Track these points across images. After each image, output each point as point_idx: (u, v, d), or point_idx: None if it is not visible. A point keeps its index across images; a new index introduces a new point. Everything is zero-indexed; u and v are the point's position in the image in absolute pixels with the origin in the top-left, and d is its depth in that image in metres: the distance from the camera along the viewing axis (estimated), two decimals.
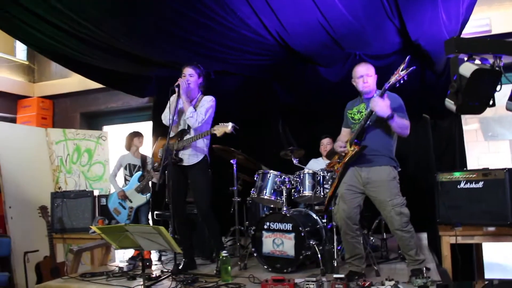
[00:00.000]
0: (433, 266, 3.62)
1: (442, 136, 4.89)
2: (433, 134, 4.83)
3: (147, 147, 5.66)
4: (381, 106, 2.94)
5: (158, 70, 5.20)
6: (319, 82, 4.88)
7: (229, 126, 3.40)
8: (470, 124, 5.36)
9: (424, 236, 4.67)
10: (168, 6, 3.50)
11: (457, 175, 3.83)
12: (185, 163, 3.74)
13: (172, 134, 3.78)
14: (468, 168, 4.66)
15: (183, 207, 3.89)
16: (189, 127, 3.74)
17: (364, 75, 3.22)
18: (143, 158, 5.06)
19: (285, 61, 4.70)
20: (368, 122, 3.12)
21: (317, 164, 4.76)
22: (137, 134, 5.12)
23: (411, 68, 2.83)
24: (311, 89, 5.07)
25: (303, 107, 5.36)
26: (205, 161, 3.79)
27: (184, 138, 3.71)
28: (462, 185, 3.78)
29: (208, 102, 3.75)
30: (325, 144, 4.81)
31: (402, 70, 2.85)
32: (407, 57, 2.89)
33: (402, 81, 2.87)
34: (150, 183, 4.91)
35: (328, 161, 4.58)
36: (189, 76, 3.73)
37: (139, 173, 4.93)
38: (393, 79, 2.89)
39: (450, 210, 3.74)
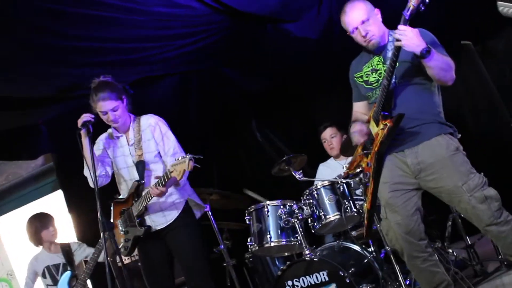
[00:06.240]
0: None
1: (501, 63, 4.89)
2: (487, 65, 4.80)
3: (67, 232, 5.61)
4: (410, 36, 2.90)
5: (44, 110, 5.18)
6: (293, 45, 4.92)
7: (186, 161, 3.30)
8: None
9: None
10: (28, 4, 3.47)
11: None
12: (159, 226, 3.75)
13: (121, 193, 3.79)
14: None
15: None
16: (141, 175, 3.76)
17: (359, 26, 3.17)
18: (66, 249, 4.98)
19: (232, 32, 4.74)
20: (394, 79, 3.09)
21: (330, 169, 4.76)
22: (42, 220, 5.00)
23: None
24: (283, 60, 5.12)
25: (280, 90, 5.42)
26: (188, 210, 3.82)
27: (144, 195, 3.69)
28: None
29: (157, 127, 3.76)
30: (328, 137, 4.75)
31: None
32: None
33: (427, 1, 2.81)
34: (88, 281, 4.74)
35: (344, 159, 4.54)
36: (113, 112, 3.71)
37: (68, 273, 4.84)
38: (413, 2, 2.83)
39: None
